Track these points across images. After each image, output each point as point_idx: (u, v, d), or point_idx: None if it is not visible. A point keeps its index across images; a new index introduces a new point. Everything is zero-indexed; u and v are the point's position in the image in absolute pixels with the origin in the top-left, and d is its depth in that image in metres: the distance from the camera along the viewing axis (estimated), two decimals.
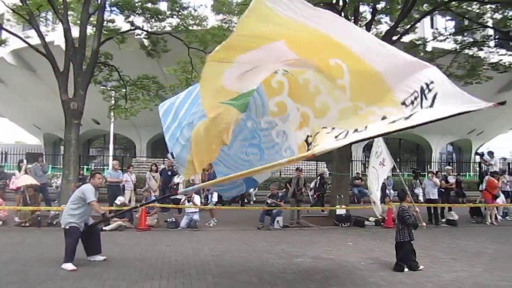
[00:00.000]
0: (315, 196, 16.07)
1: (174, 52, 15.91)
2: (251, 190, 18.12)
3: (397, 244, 7.50)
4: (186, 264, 7.34)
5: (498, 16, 17.29)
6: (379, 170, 9.08)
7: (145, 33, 15.97)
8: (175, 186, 14.54)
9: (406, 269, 7.19)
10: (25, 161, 13.53)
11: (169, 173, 15.05)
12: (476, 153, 16.94)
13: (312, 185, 16.80)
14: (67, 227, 7.08)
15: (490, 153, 16.36)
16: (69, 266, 6.73)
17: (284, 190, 13.71)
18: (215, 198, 13.55)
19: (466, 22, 18.33)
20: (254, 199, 17.78)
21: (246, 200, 17.55)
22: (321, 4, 13.73)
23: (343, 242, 10.00)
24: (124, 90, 16.45)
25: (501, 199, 14.41)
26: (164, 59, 17.50)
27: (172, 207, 13.17)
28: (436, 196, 13.53)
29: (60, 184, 13.67)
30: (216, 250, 8.65)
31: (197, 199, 11.97)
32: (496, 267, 7.68)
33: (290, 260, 7.89)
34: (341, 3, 13.88)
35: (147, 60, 17.08)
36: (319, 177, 16.49)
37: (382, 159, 9.73)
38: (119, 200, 11.87)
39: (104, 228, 10.77)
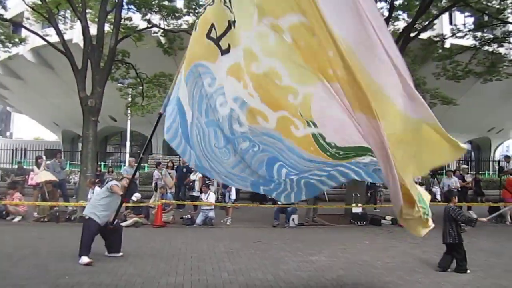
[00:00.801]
0: (368, 194, 15.98)
1: None
2: None
3: (451, 245, 7.27)
4: (201, 261, 7.38)
5: None
6: None
7: (161, 31, 16.10)
8: (191, 183, 14.62)
9: (468, 271, 7.01)
10: (44, 157, 13.76)
11: (184, 170, 15.14)
12: (507, 157, 16.35)
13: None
14: (87, 217, 7.16)
15: (507, 157, 15.93)
16: (85, 259, 6.78)
17: None
18: (233, 196, 13.57)
19: (486, 18, 17.98)
20: (270, 197, 17.75)
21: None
22: None
23: (359, 241, 9.93)
24: (140, 87, 16.61)
25: None
26: (180, 57, 17.48)
27: (188, 204, 13.25)
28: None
29: (78, 180, 13.87)
30: (231, 247, 8.67)
31: (212, 196, 12.02)
32: None
33: (305, 258, 7.86)
34: None
35: (164, 58, 17.19)
36: None
37: None
38: (136, 196, 11.97)
39: (121, 224, 10.91)
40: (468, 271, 7.00)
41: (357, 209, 12.89)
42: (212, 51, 4.11)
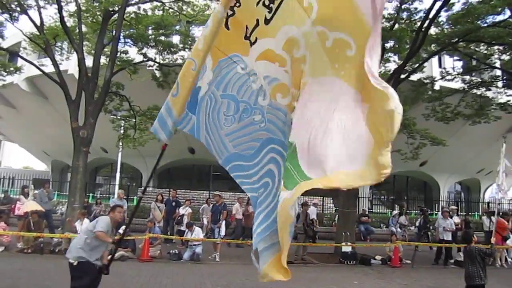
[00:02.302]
0: (421, 233, 15.80)
1: None
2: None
3: (479, 286, 7.11)
4: None
5: (505, 57, 17.48)
6: None
7: (157, 64, 16.30)
8: (179, 218, 14.45)
9: None
10: (32, 186, 13.58)
11: (174, 203, 14.99)
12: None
13: (417, 223, 16.71)
14: (75, 262, 5.72)
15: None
16: None
17: None
18: (222, 231, 13.42)
19: (474, 62, 18.52)
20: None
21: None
22: None
23: (348, 281, 9.79)
24: (133, 120, 16.65)
25: (510, 241, 14.12)
26: None
27: (176, 239, 13.04)
28: (449, 237, 13.31)
29: (65, 211, 13.66)
30: (218, 284, 8.50)
31: (199, 231, 11.86)
32: None
33: None
34: None
35: (158, 91, 17.33)
36: (421, 215, 16.35)
37: None
38: (122, 229, 11.79)
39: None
40: None
41: (346, 248, 12.76)
42: (245, 46, 4.33)
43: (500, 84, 19.89)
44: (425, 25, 13.15)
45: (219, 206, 13.87)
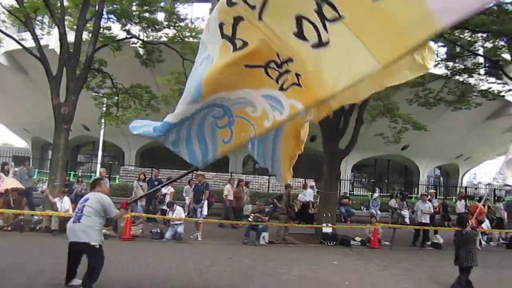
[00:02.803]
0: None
1: (169, 62, 15.96)
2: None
3: (465, 268, 7.56)
4: (169, 277, 7.26)
5: (488, 45, 17.66)
6: None
7: (140, 42, 16.01)
8: (161, 197, 14.44)
9: None
10: (12, 163, 13.37)
11: (156, 183, 14.94)
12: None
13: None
14: (98, 245, 5.88)
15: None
16: None
17: (272, 205, 13.68)
18: (205, 211, 13.45)
19: (457, 49, 18.67)
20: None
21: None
22: None
23: (328, 261, 9.97)
24: (116, 97, 16.41)
25: (485, 225, 14.53)
26: (158, 69, 17.53)
27: (158, 218, 13.04)
28: (428, 220, 13.60)
29: (46, 189, 13.51)
30: (200, 264, 8.56)
31: (181, 211, 11.87)
32: None
33: (276, 277, 7.83)
34: None
35: (141, 69, 17.11)
36: (401, 198, 16.73)
37: None
38: None
39: None
40: None
41: (327, 229, 12.96)
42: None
43: (482, 71, 20.15)
44: None
45: (202, 186, 13.86)
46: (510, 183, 11.92)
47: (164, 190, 14.56)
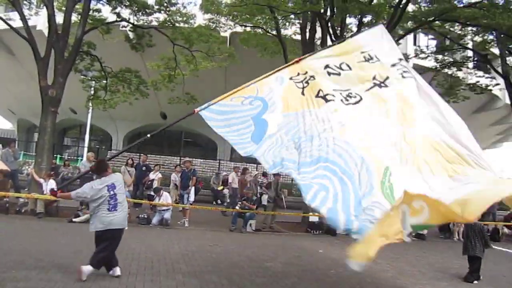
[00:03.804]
0: None
1: (159, 47, 15.80)
2: (226, 191, 18.05)
3: (474, 257, 7.96)
4: (155, 262, 7.28)
5: (478, 39, 17.81)
6: None
7: (130, 25, 15.81)
8: (149, 182, 14.40)
9: (475, 281, 7.82)
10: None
11: (144, 168, 14.90)
12: None
13: None
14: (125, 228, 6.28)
15: None
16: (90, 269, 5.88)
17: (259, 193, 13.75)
18: (191, 197, 13.46)
19: (447, 42, 18.81)
20: (228, 200, 17.71)
21: (220, 201, 17.51)
22: (309, 12, 13.93)
23: (314, 249, 10.08)
24: (104, 81, 16.24)
25: None
26: (148, 54, 17.36)
27: (145, 203, 13.02)
28: None
29: (31, 171, 13.39)
30: (187, 249, 8.60)
31: (167, 196, 11.86)
32: (460, 282, 7.88)
33: (261, 263, 7.91)
34: (328, 13, 14.04)
35: (131, 53, 16.91)
36: None
37: None
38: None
39: (73, 219, 10.62)
40: (475, 282, 7.86)
41: (314, 218, 13.06)
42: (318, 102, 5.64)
43: (471, 65, 20.34)
44: (404, 1, 13.20)
45: (189, 172, 13.84)
46: None
47: (151, 176, 14.52)
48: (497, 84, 18.83)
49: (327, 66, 5.95)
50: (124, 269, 6.51)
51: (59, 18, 12.93)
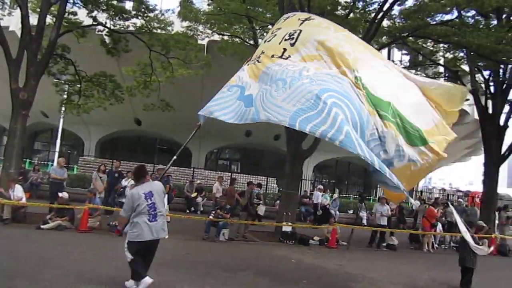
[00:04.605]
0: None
1: (135, 53, 15.64)
2: (199, 199, 17.93)
3: (466, 269, 8.51)
4: (125, 271, 7.12)
5: (449, 55, 18.36)
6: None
7: (107, 30, 15.61)
8: (121, 189, 14.17)
9: None
10: None
11: (116, 175, 14.66)
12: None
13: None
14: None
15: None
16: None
17: (225, 202, 13.67)
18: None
19: (420, 58, 19.30)
20: (202, 209, 17.61)
21: (193, 209, 17.38)
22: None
23: (286, 259, 10.09)
24: (78, 85, 15.94)
25: (438, 228, 15.11)
26: (124, 59, 17.18)
27: (117, 210, 12.77)
28: (385, 222, 14.00)
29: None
30: (160, 258, 8.46)
31: None
32: None
33: (233, 273, 7.86)
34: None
35: (106, 58, 16.67)
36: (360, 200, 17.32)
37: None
38: (63, 194, 11.35)
39: (42, 226, 10.33)
40: None
41: (287, 227, 13.10)
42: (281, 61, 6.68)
43: (442, 80, 20.90)
44: (379, 17, 13.50)
45: (162, 180, 13.64)
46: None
47: (124, 183, 14.30)
48: (467, 100, 19.37)
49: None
50: (93, 278, 6.38)
51: (33, 20, 12.67)
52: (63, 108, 17.60)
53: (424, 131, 6.22)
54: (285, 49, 6.69)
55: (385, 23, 15.35)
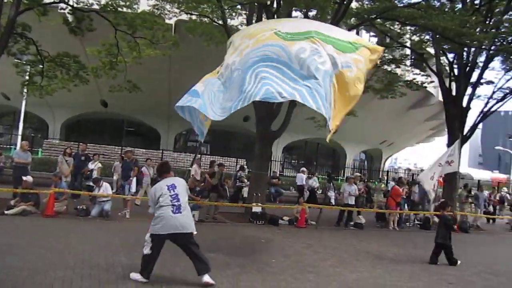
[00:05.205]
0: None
1: (100, 32, 15.12)
2: None
3: (443, 245, 9.08)
4: (94, 255, 7.06)
5: (415, 38, 18.68)
6: (443, 166, 12.87)
7: (69, 8, 15.02)
8: (88, 173, 13.91)
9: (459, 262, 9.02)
10: None
11: (83, 158, 14.36)
12: None
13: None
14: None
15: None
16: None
17: (203, 184, 13.66)
18: (133, 188, 13.11)
19: (387, 40, 19.54)
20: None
21: None
22: (255, 4, 13.95)
23: (256, 239, 10.20)
24: (41, 66, 15.35)
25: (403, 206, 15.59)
26: (88, 39, 16.62)
27: (84, 194, 12.54)
28: (353, 202, 14.29)
29: None
30: (127, 241, 8.41)
31: (108, 187, 11.52)
32: (394, 269, 8.29)
33: (205, 254, 7.87)
34: (275, 5, 14.13)
35: (69, 38, 16.08)
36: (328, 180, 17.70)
37: (450, 160, 13.90)
38: (28, 178, 11.02)
39: (6, 212, 10.05)
40: (459, 262, 9.00)
41: (257, 208, 13.21)
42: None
43: (408, 62, 21.31)
44: None
45: (130, 163, 13.46)
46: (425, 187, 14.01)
47: (91, 166, 14.04)
48: (432, 82, 19.85)
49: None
50: (60, 263, 6.27)
51: None
52: (25, 90, 16.97)
53: (352, 40, 6.75)
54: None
55: (354, 4, 15.42)
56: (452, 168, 15.42)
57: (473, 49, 17.04)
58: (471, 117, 19.59)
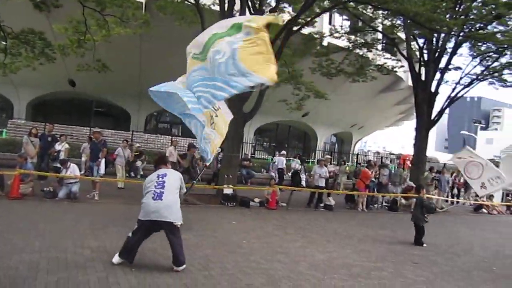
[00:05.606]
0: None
1: (67, 8, 14.58)
2: (139, 163, 17.64)
3: (420, 227, 9.53)
4: (62, 237, 6.93)
5: (387, 22, 18.84)
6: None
7: None
8: (55, 154, 13.56)
9: (425, 245, 9.38)
10: None
11: (50, 139, 13.97)
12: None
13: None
14: (179, 224, 5.85)
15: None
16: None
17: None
18: (102, 170, 12.85)
19: (360, 24, 19.65)
20: (142, 173, 17.31)
21: (133, 174, 17.04)
22: None
23: (227, 221, 10.23)
24: (4, 42, 14.72)
25: (372, 188, 15.92)
26: (55, 15, 16.00)
27: (51, 176, 12.24)
28: (323, 184, 14.49)
29: None
30: (96, 224, 8.29)
31: (75, 168, 11.27)
32: (362, 249, 8.50)
33: None
34: None
35: (35, 14, 15.44)
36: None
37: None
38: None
39: None
40: (424, 245, 9.34)
41: (228, 190, 13.23)
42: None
43: (379, 47, 21.52)
44: None
45: (99, 144, 13.17)
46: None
47: (57, 147, 13.69)
48: (402, 66, 20.16)
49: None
50: (26, 246, 6.13)
51: None
52: None
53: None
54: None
55: None
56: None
57: (442, 35, 17.35)
58: (439, 102, 20.07)
